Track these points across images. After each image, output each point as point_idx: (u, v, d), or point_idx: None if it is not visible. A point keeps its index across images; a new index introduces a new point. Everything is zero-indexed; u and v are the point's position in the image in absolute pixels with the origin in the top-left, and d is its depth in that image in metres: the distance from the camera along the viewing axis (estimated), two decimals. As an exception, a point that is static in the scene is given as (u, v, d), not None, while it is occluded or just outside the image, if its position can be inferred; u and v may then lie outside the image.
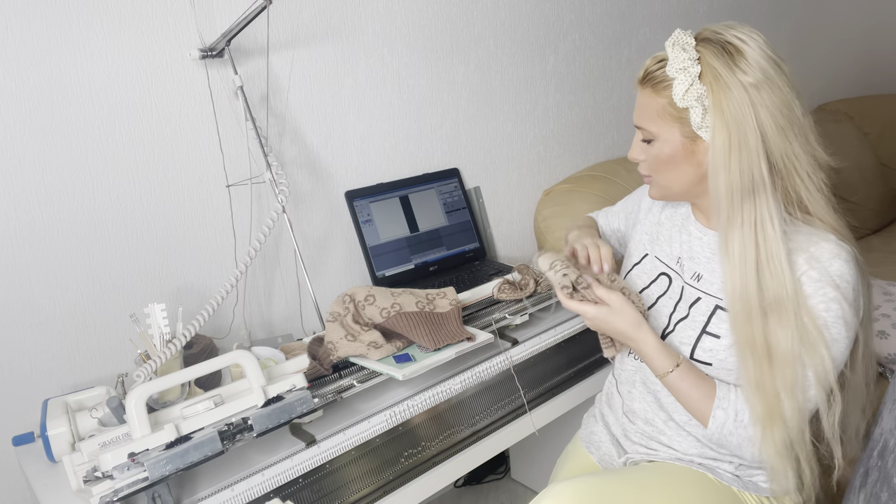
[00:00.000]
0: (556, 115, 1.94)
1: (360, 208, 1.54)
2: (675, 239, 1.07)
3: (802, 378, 0.89)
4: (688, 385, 0.96)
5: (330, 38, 1.46)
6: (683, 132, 0.93)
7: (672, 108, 0.92)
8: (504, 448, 1.27)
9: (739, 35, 0.93)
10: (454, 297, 1.25)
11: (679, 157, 0.95)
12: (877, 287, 1.90)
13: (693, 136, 0.93)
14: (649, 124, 0.95)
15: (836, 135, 2.57)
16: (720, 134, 0.88)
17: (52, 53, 1.15)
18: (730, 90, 0.88)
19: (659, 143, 0.95)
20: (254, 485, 0.96)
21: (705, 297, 1.00)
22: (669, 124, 0.93)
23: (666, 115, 0.93)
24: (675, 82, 0.90)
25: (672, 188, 0.99)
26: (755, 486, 1.02)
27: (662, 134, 0.95)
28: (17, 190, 1.15)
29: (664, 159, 0.96)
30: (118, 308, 1.27)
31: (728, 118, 0.88)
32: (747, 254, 0.89)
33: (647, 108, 0.95)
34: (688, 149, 0.94)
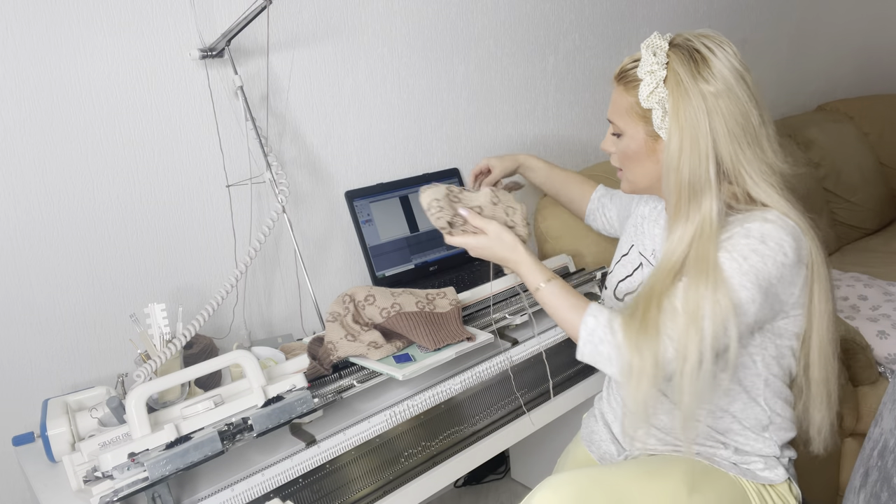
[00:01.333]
0: (556, 115, 1.94)
1: (360, 208, 1.54)
2: (650, 232, 1.15)
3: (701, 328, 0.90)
4: (559, 299, 1.03)
5: (330, 38, 1.46)
6: (647, 131, 1.00)
7: (638, 107, 0.99)
8: (504, 448, 1.27)
9: (709, 44, 0.97)
10: (454, 297, 1.25)
11: (643, 154, 1.03)
12: (877, 287, 1.90)
13: (655, 136, 1.00)
14: (618, 120, 1.04)
15: (836, 135, 2.57)
16: (674, 136, 0.95)
17: (52, 53, 1.15)
18: (688, 97, 0.94)
19: (626, 139, 1.03)
20: (254, 485, 0.96)
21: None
22: (636, 122, 1.01)
23: (633, 113, 1.01)
24: (641, 83, 0.97)
25: (638, 182, 1.07)
26: (752, 475, 1.04)
27: (629, 130, 1.02)
28: (17, 190, 1.15)
29: (630, 154, 1.04)
30: (118, 308, 1.27)
31: (682, 122, 0.94)
32: (683, 247, 0.95)
33: (618, 104, 1.03)
34: (650, 146, 1.02)
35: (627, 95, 1.01)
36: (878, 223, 2.59)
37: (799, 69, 2.84)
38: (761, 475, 1.04)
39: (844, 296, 1.89)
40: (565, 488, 0.93)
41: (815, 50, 2.88)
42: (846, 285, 1.94)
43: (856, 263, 2.21)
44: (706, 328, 0.89)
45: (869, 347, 1.59)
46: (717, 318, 0.89)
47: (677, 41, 0.98)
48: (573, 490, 0.92)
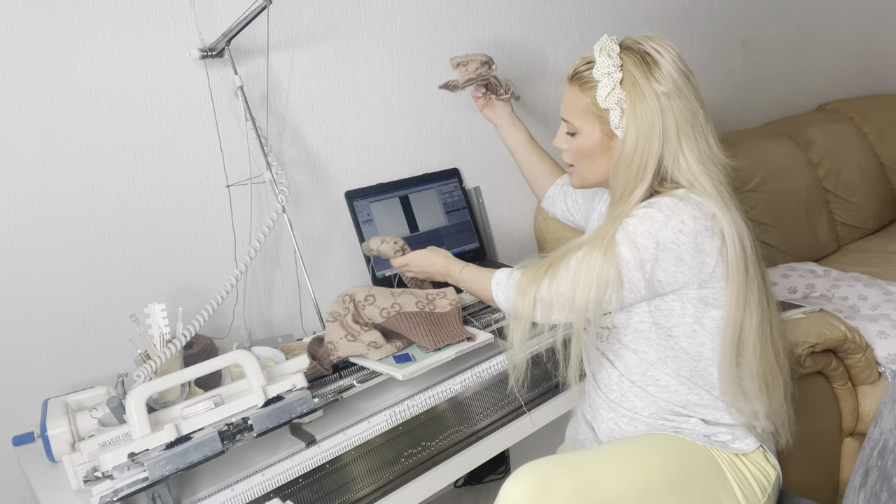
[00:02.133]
0: (556, 115, 1.93)
1: (360, 208, 1.54)
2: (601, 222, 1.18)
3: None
4: (475, 272, 1.16)
5: (330, 38, 1.46)
6: (603, 129, 1.05)
7: (595, 107, 1.04)
8: (504, 448, 1.27)
9: (657, 47, 1.02)
10: (454, 297, 1.25)
11: (597, 151, 1.07)
12: (877, 287, 1.90)
13: (610, 134, 1.05)
14: (574, 119, 1.08)
15: (836, 135, 2.57)
16: (631, 135, 1.01)
17: (52, 53, 1.15)
18: (644, 97, 1.00)
19: (581, 137, 1.08)
20: (254, 485, 0.96)
21: None
22: (592, 121, 1.05)
23: (590, 112, 1.05)
24: (599, 85, 1.02)
25: (590, 178, 1.12)
26: (723, 445, 1.06)
27: (585, 129, 1.07)
28: (17, 190, 1.15)
29: (585, 152, 1.08)
30: (118, 308, 1.27)
31: (640, 122, 1.00)
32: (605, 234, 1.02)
33: (573, 104, 1.07)
34: (605, 144, 1.06)
35: (583, 96, 1.05)
36: (878, 223, 2.59)
37: (799, 69, 2.83)
38: (732, 446, 1.06)
39: (844, 296, 1.89)
40: (530, 476, 0.94)
41: (815, 50, 2.88)
42: (846, 285, 1.94)
43: (856, 263, 2.20)
44: (590, 282, 0.99)
45: (869, 347, 1.59)
46: (602, 275, 0.99)
47: (627, 44, 1.03)
48: (539, 477, 0.93)
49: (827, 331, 1.51)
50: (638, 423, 1.09)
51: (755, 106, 2.70)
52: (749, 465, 1.06)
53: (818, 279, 2.01)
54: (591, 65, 1.04)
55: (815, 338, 1.48)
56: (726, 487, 1.02)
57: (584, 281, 0.99)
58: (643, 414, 1.09)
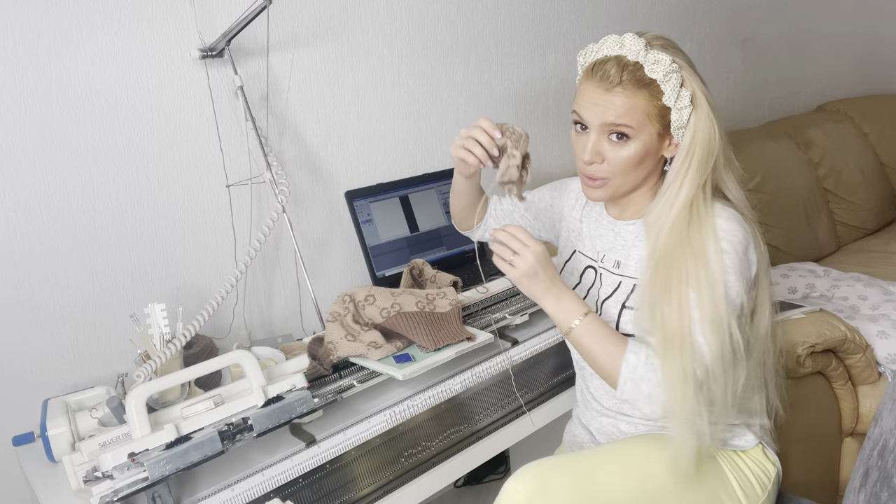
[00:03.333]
0: (556, 115, 1.94)
1: (360, 208, 1.54)
2: (594, 234, 1.15)
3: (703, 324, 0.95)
4: (598, 335, 0.99)
5: (330, 38, 1.46)
6: (659, 130, 0.99)
7: (654, 106, 0.97)
8: (504, 448, 1.27)
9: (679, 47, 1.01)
10: (454, 297, 1.25)
11: (650, 155, 1.00)
12: (877, 287, 1.90)
13: (665, 134, 1.00)
14: (632, 121, 0.97)
15: (836, 135, 2.57)
16: (702, 133, 0.97)
17: (52, 53, 1.15)
18: (703, 96, 0.98)
19: (635, 143, 0.98)
20: (254, 485, 0.96)
21: (625, 279, 1.07)
22: (651, 123, 0.98)
23: (651, 114, 0.97)
24: (664, 84, 0.96)
25: (627, 187, 1.04)
26: (721, 443, 1.05)
27: (644, 133, 0.98)
28: (17, 190, 1.15)
29: (636, 159, 0.99)
30: (118, 308, 1.27)
31: (703, 122, 0.97)
32: (683, 229, 0.97)
33: (629, 107, 0.97)
34: (657, 147, 1.00)
35: (637, 97, 0.96)
36: (878, 223, 2.59)
37: (799, 69, 2.84)
38: (731, 443, 1.06)
39: (844, 296, 1.89)
40: (531, 476, 0.93)
41: (815, 50, 2.88)
42: (846, 285, 1.94)
43: (856, 263, 2.21)
44: (723, 345, 0.94)
45: (869, 347, 1.59)
46: (728, 331, 0.94)
47: (658, 42, 0.99)
48: (539, 477, 0.93)
49: (827, 331, 1.51)
50: (637, 425, 1.09)
51: (755, 106, 2.70)
52: (749, 462, 1.06)
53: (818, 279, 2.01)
54: (637, 66, 0.96)
55: (815, 338, 1.48)
56: (726, 486, 1.02)
57: (716, 324, 0.94)
58: (641, 417, 1.09)
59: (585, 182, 1.05)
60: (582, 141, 1.02)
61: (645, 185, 1.06)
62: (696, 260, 0.96)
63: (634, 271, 1.06)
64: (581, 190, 1.18)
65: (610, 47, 0.99)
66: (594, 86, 0.99)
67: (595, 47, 1.02)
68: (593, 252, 1.14)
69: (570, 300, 1.01)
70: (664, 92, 0.96)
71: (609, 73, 0.97)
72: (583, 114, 1.01)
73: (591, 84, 1.00)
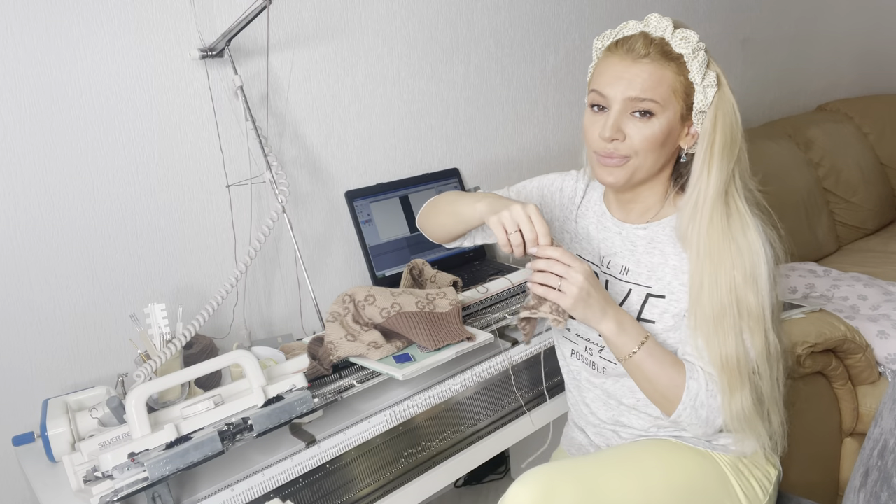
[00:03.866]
0: (556, 115, 1.94)
1: (360, 208, 1.54)
2: (594, 237, 1.10)
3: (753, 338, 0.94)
4: (658, 361, 0.95)
5: (330, 38, 1.46)
6: (681, 111, 0.94)
7: (680, 82, 0.92)
8: (504, 448, 1.27)
9: None
10: (454, 297, 1.25)
11: (672, 137, 0.95)
12: (877, 287, 1.90)
13: (686, 118, 0.95)
14: (658, 96, 0.91)
15: (836, 135, 2.57)
16: (724, 118, 0.93)
17: (52, 53, 1.15)
18: (726, 82, 0.94)
19: (659, 120, 0.93)
20: (254, 485, 0.96)
21: (636, 287, 1.02)
22: (676, 99, 0.93)
23: (677, 89, 0.92)
24: (691, 60, 0.91)
25: (645, 171, 0.97)
26: (724, 448, 1.04)
27: (668, 110, 0.93)
28: (17, 190, 1.15)
29: (658, 139, 0.93)
30: (118, 308, 1.27)
31: (727, 105, 0.93)
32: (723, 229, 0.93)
33: (657, 78, 0.91)
34: (678, 130, 0.96)
35: (665, 69, 0.91)
36: (878, 223, 2.59)
37: (799, 69, 2.83)
38: (732, 448, 1.04)
39: (844, 296, 1.89)
40: (534, 482, 0.93)
41: (815, 50, 2.88)
42: (846, 285, 1.94)
43: (856, 263, 2.20)
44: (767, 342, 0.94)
45: (869, 347, 1.59)
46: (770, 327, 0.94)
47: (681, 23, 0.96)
48: (543, 483, 0.92)
49: (827, 331, 1.51)
50: (637, 431, 1.08)
51: (755, 106, 2.70)
52: (751, 467, 1.05)
53: (818, 279, 2.01)
54: (663, 41, 0.92)
55: (815, 338, 1.48)
56: (729, 492, 1.01)
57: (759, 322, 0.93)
58: (639, 428, 1.07)
59: (602, 162, 0.97)
60: (600, 120, 0.95)
61: (657, 176, 1.00)
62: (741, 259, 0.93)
63: (647, 279, 1.02)
64: (574, 187, 1.15)
65: (632, 28, 0.96)
66: (619, 59, 0.94)
67: (614, 31, 0.99)
68: (593, 255, 1.10)
69: (630, 323, 0.95)
70: (690, 69, 0.92)
71: (635, 45, 0.93)
72: (605, 90, 0.94)
73: (615, 58, 0.95)
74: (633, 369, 0.96)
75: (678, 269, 0.99)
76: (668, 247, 1.01)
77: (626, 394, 1.06)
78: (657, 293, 1.01)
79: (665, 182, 1.02)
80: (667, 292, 1.00)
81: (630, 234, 1.05)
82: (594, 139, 0.97)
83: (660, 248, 1.02)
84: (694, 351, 0.97)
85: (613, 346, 0.96)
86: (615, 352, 0.96)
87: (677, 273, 0.99)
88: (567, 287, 0.90)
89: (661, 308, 1.00)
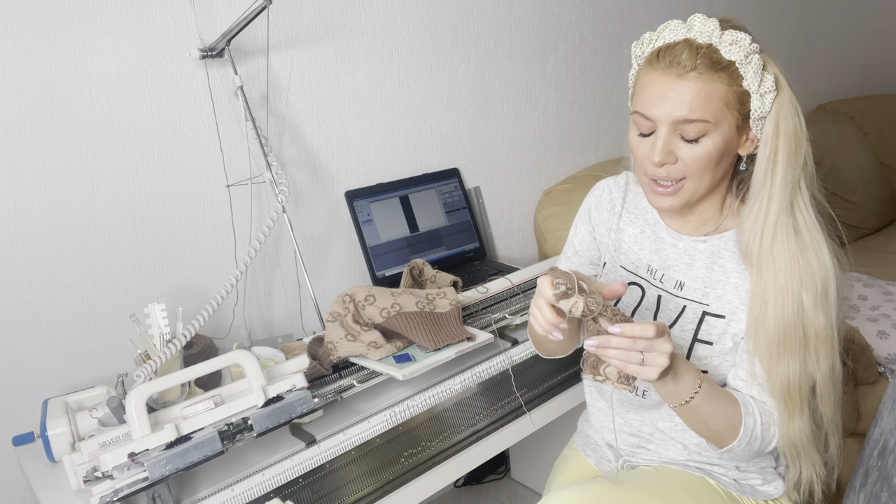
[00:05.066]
0: (556, 115, 1.94)
1: (360, 208, 1.54)
2: (645, 247, 1.02)
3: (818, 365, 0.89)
4: (715, 402, 0.87)
5: (330, 38, 1.46)
6: (738, 121, 0.86)
7: (733, 93, 0.84)
8: (504, 448, 1.27)
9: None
10: (454, 296, 1.25)
11: (728, 152, 0.88)
12: (877, 287, 1.90)
13: (744, 126, 0.87)
14: (709, 115, 0.83)
15: (836, 135, 2.57)
16: (786, 123, 0.85)
17: (52, 53, 1.15)
18: (786, 82, 0.87)
19: (713, 138, 0.85)
20: (254, 485, 0.96)
21: (691, 304, 0.96)
22: (731, 112, 0.85)
23: (731, 101, 0.84)
24: (745, 66, 0.83)
25: (703, 190, 0.90)
26: (752, 490, 1.01)
27: (723, 125, 0.85)
28: (17, 190, 1.15)
29: (714, 157, 0.86)
30: (118, 308, 1.27)
31: (789, 108, 0.86)
32: (791, 246, 0.87)
33: (707, 94, 0.83)
34: (735, 142, 0.88)
35: (715, 82, 0.83)
36: (878, 223, 2.59)
37: (799, 69, 2.83)
38: (760, 489, 1.01)
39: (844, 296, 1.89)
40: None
41: (815, 50, 2.88)
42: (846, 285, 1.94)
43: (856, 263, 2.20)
44: (833, 364, 0.89)
45: (869, 347, 1.59)
46: (835, 350, 0.89)
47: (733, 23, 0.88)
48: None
49: (827, 331, 1.51)
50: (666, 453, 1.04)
51: (755, 106, 2.69)
52: None
53: (818, 279, 2.01)
54: (711, 47, 0.84)
55: (815, 338, 1.48)
56: None
57: (829, 344, 0.88)
58: (675, 458, 1.03)
59: (654, 189, 0.90)
60: (648, 142, 0.88)
61: (717, 190, 0.93)
62: (812, 279, 0.86)
63: (703, 296, 0.95)
64: (610, 199, 1.07)
65: (674, 32, 0.87)
66: (661, 74, 0.85)
67: (653, 35, 0.90)
68: (640, 267, 1.02)
69: (684, 367, 0.85)
70: (744, 76, 0.83)
71: (679, 57, 0.84)
72: (650, 111, 0.86)
73: (657, 73, 0.85)
74: (689, 414, 0.88)
75: (740, 288, 0.93)
76: (729, 263, 0.94)
77: (665, 418, 1.01)
78: (715, 312, 0.94)
79: (723, 192, 0.95)
80: (727, 312, 0.93)
81: (689, 248, 0.97)
82: (643, 161, 0.90)
83: (720, 265, 0.95)
84: (748, 377, 0.91)
85: (669, 394, 0.86)
86: (669, 399, 0.87)
87: (738, 291, 0.93)
88: (654, 360, 0.79)
89: (721, 329, 0.94)
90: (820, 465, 0.94)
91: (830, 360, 0.89)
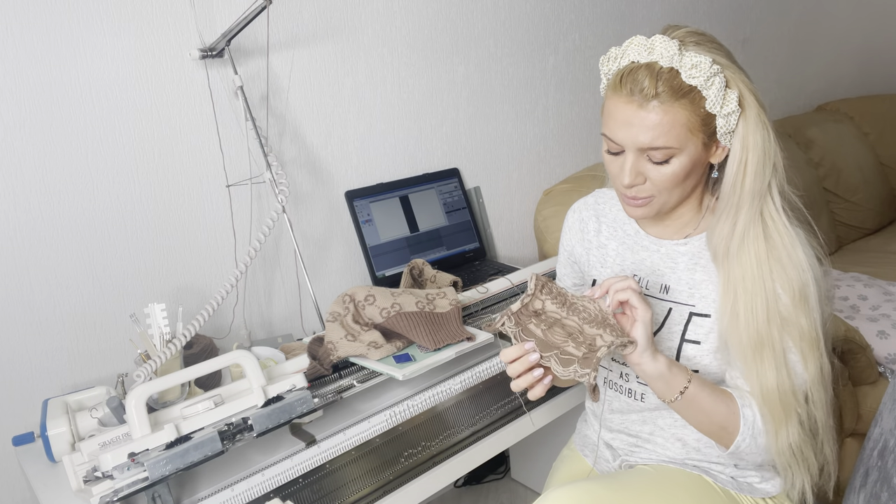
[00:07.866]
0: (556, 115, 1.94)
1: (360, 208, 1.54)
2: (627, 258, 1.04)
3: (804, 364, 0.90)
4: (709, 394, 0.88)
5: (330, 38, 1.46)
6: (703, 141, 0.88)
7: (697, 116, 0.86)
8: (504, 448, 1.27)
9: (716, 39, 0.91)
10: (454, 296, 1.25)
11: (696, 167, 0.90)
12: (877, 287, 1.90)
13: (711, 142, 0.89)
14: (674, 141, 0.86)
15: (836, 135, 2.57)
16: (753, 137, 0.87)
17: (52, 53, 1.15)
18: (751, 97, 0.88)
19: (680, 159, 0.88)
20: (254, 485, 0.96)
21: (677, 306, 0.98)
22: (695, 135, 0.87)
23: (694, 125, 0.86)
24: (707, 90, 0.85)
25: (673, 203, 0.93)
26: (750, 488, 1.01)
27: (688, 147, 0.87)
28: (17, 190, 1.15)
29: (682, 175, 0.89)
30: (118, 308, 1.27)
31: (756, 124, 0.87)
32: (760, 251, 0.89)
33: (668, 123, 0.85)
34: (703, 157, 0.90)
35: (679, 109, 0.85)
36: (878, 223, 2.59)
37: (799, 69, 2.83)
38: (759, 488, 1.01)
39: (844, 296, 1.89)
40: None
41: (815, 50, 2.88)
42: (846, 285, 1.94)
43: (856, 263, 2.21)
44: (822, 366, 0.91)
45: (869, 347, 1.59)
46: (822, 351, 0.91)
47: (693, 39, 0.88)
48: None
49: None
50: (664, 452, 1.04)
51: (755, 106, 2.69)
52: None
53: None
54: (672, 72, 0.84)
55: (815, 338, 1.48)
56: None
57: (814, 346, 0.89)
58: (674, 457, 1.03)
59: (627, 202, 0.94)
60: (618, 162, 0.91)
61: (691, 196, 0.96)
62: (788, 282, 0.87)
63: (688, 297, 0.97)
64: (579, 218, 1.11)
65: (636, 51, 0.87)
66: (624, 102, 0.86)
67: (618, 52, 0.89)
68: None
69: (675, 363, 0.88)
70: (707, 98, 0.85)
71: (641, 84, 0.85)
72: (615, 135, 0.88)
73: (621, 100, 0.87)
74: (687, 405, 0.89)
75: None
76: (711, 263, 0.96)
77: (665, 416, 1.02)
78: (701, 312, 0.96)
79: (699, 194, 0.98)
80: (712, 311, 0.95)
81: (670, 251, 1.00)
82: (614, 178, 0.93)
83: (702, 265, 0.96)
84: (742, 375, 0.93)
85: (662, 389, 0.88)
86: (665, 393, 0.89)
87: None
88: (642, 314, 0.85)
89: (707, 328, 0.95)
90: (815, 474, 0.94)
91: (818, 362, 0.90)
